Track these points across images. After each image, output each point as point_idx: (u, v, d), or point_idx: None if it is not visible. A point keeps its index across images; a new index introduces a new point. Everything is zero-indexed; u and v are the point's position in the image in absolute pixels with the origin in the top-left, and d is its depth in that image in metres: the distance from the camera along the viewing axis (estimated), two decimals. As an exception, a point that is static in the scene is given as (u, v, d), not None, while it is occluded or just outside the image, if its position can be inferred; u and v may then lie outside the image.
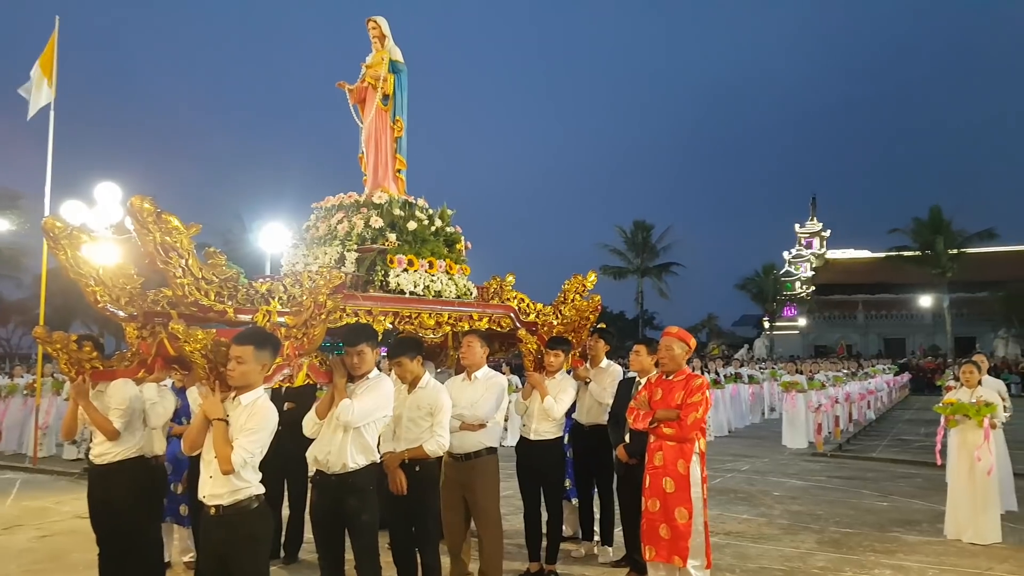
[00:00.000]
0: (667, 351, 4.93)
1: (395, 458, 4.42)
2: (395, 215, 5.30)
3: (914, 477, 10.42)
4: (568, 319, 6.04)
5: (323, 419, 4.09)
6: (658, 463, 4.75)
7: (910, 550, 6.50)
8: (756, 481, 10.05)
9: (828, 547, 6.60)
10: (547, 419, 5.51)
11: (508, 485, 6.36)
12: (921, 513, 8.00)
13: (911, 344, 48.24)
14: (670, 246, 47.90)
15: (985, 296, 43.70)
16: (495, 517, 5.00)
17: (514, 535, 6.23)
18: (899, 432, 16.84)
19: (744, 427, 17.50)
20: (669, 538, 4.65)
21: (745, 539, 6.87)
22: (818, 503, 8.57)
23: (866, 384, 19.59)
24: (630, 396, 5.37)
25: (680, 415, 4.69)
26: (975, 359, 7.65)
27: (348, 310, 4.53)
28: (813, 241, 59.31)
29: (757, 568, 5.95)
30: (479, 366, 5.03)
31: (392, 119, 5.76)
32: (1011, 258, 47.13)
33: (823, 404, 14.20)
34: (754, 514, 7.95)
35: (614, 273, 47.02)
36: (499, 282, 6.03)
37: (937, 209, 41.62)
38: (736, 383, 17.98)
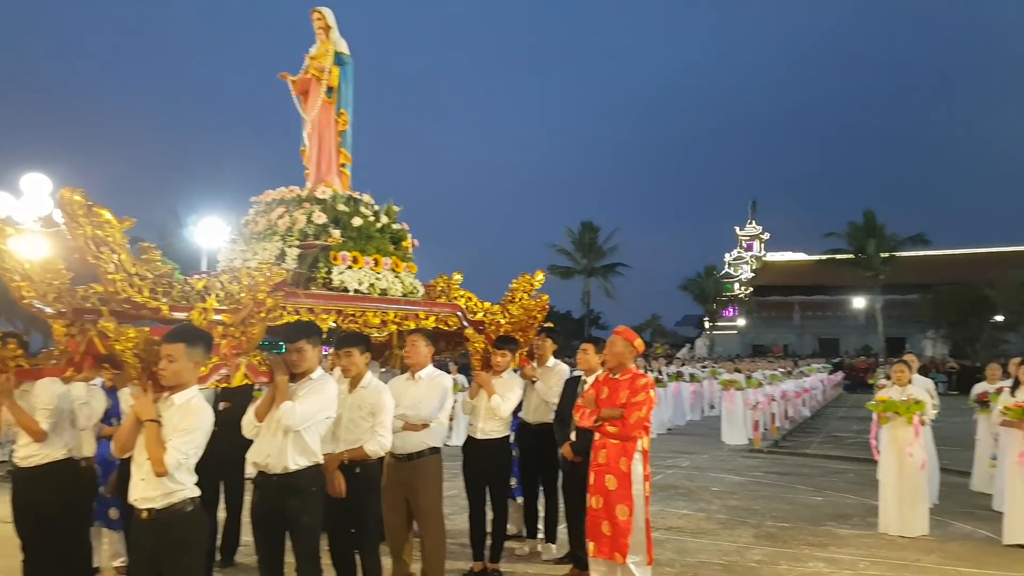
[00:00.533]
0: (610, 347, 5.01)
1: (334, 459, 4.34)
2: (339, 211, 5.21)
3: (847, 472, 10.76)
4: (516, 318, 6.04)
5: (262, 420, 3.99)
6: (602, 461, 4.80)
7: (842, 543, 6.71)
8: (696, 477, 10.24)
9: (765, 541, 6.76)
10: (494, 418, 5.50)
11: (452, 485, 6.34)
12: (853, 507, 8.26)
13: (845, 344, 49.86)
14: (616, 247, 48.50)
15: (915, 298, 45.38)
16: (438, 517, 4.97)
17: (457, 534, 6.21)
18: (833, 429, 17.39)
19: (685, 424, 17.83)
20: (610, 534, 4.70)
21: (685, 534, 6.99)
22: (755, 498, 8.77)
23: (801, 382, 20.17)
24: (576, 395, 5.41)
25: (624, 414, 4.74)
26: (906, 359, 7.92)
27: (289, 308, 4.44)
28: (752, 244, 60.83)
29: (696, 563, 6.05)
30: (423, 365, 4.98)
31: (337, 112, 5.66)
32: (941, 262, 49.06)
33: (760, 402, 14.57)
34: (694, 509, 8.10)
35: (561, 273, 47.33)
36: (446, 280, 5.99)
37: (871, 214, 43.25)
38: (678, 381, 18.30)
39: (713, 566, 5.96)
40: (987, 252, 49.83)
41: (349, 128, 5.72)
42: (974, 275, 41.47)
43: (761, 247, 61.09)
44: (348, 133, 5.73)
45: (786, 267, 58.59)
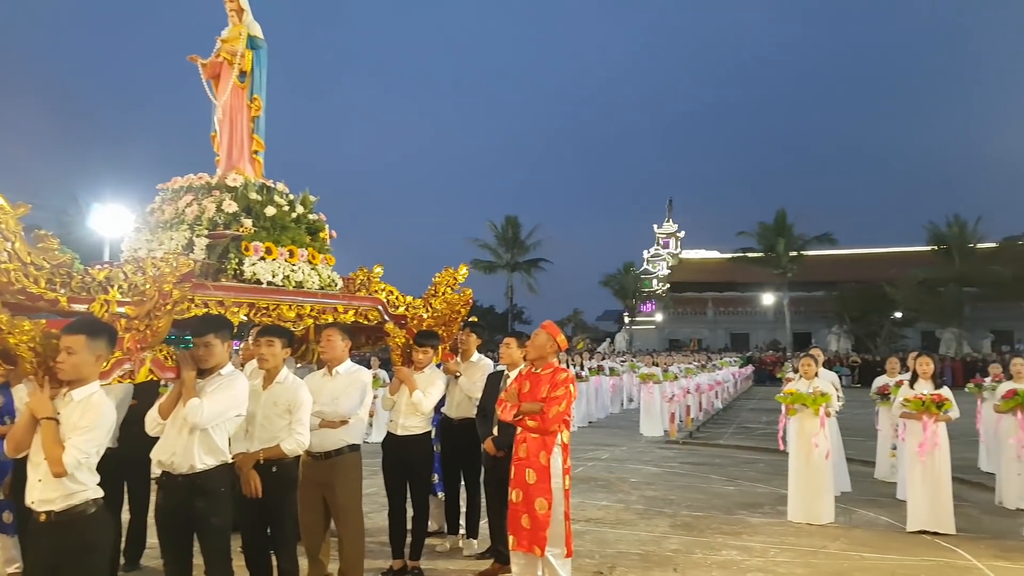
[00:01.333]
0: (532, 340, 5.02)
1: (249, 459, 4.18)
2: (251, 199, 5.00)
3: (757, 462, 11.14)
4: (439, 312, 5.96)
5: (167, 418, 3.80)
6: (522, 455, 4.80)
7: (754, 531, 6.93)
8: (615, 469, 10.40)
9: (680, 530, 6.91)
10: (415, 414, 5.42)
11: (371, 482, 6.23)
12: (764, 496, 8.55)
13: (755, 338, 51.76)
14: (539, 242, 48.93)
15: (821, 295, 47.59)
16: (356, 516, 4.86)
17: (377, 532, 6.10)
18: (744, 420, 18.01)
19: (605, 417, 18.12)
20: (530, 528, 4.70)
21: (604, 525, 7.08)
22: (671, 488, 8.97)
23: (714, 376, 20.80)
24: (499, 389, 5.38)
25: (543, 408, 4.74)
26: (812, 353, 8.25)
27: (197, 300, 4.22)
28: (669, 241, 62.42)
29: (615, 553, 6.13)
30: (340, 360, 4.85)
31: (249, 97, 5.43)
32: (845, 261, 51.51)
33: (676, 395, 14.95)
34: (613, 500, 8.22)
35: (485, 268, 47.41)
36: (366, 273, 5.84)
37: (780, 214, 45.10)
38: (598, 375, 18.57)
39: (631, 556, 6.05)
40: (887, 252, 52.61)
41: (263, 114, 5.50)
42: (875, 274, 43.85)
43: (678, 245, 62.75)
44: (261, 119, 5.51)
45: (701, 264, 60.35)
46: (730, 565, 5.85)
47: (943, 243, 41.94)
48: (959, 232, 41.44)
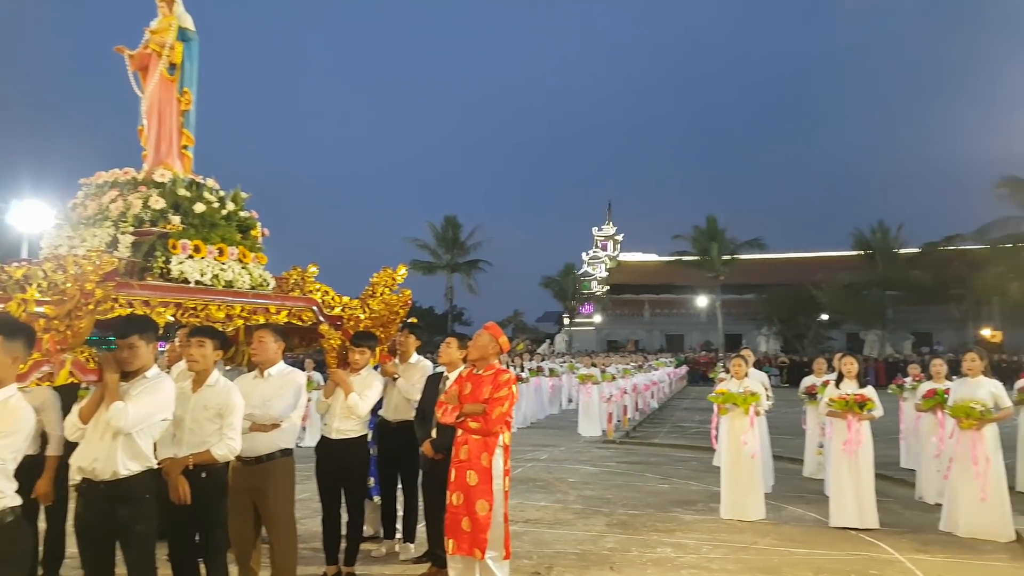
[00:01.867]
0: (474, 341, 4.99)
1: (178, 464, 4.03)
2: (180, 195, 4.83)
3: (691, 461, 11.37)
4: (376, 313, 5.86)
5: (87, 422, 3.64)
6: (463, 457, 4.76)
7: (688, 528, 7.05)
8: (554, 469, 10.45)
9: (617, 529, 6.99)
10: (350, 417, 5.33)
11: (305, 487, 6.10)
12: (697, 494, 8.72)
13: (689, 340, 52.89)
14: (479, 243, 48.78)
15: (751, 298, 48.99)
16: (289, 522, 4.74)
17: (310, 538, 5.96)
18: (678, 419, 18.37)
19: (544, 418, 18.21)
20: (470, 531, 4.67)
21: (542, 525, 7.10)
22: (608, 488, 9.07)
23: (650, 376, 21.16)
24: (438, 391, 5.34)
25: (486, 409, 4.72)
26: (743, 353, 8.45)
27: (121, 300, 4.05)
28: (608, 244, 63.20)
29: (553, 553, 6.16)
30: (273, 362, 4.73)
31: (179, 91, 5.26)
32: (774, 265, 53.00)
33: (614, 395, 15.14)
34: (551, 501, 8.25)
35: (424, 268, 47.03)
36: (300, 273, 5.71)
37: (713, 219, 46.23)
38: (538, 376, 18.66)
39: (568, 556, 6.08)
40: (815, 256, 54.35)
41: (193, 108, 5.32)
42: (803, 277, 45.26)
43: (616, 247, 63.57)
44: (191, 113, 5.33)
45: (638, 267, 61.28)
46: (665, 562, 5.93)
47: (867, 248, 43.64)
48: (883, 238, 43.19)
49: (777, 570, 5.76)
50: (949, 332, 45.81)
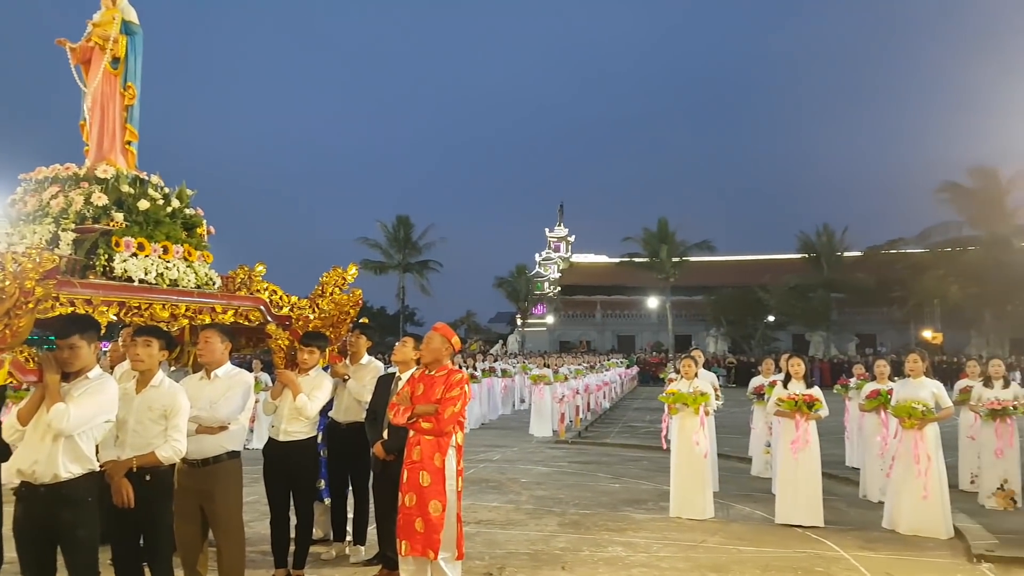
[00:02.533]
0: (427, 343, 4.94)
1: (121, 466, 3.92)
2: (123, 192, 4.70)
3: (641, 460, 11.49)
4: (326, 313, 5.79)
5: (26, 424, 3.51)
6: (416, 458, 4.73)
7: (638, 527, 7.12)
8: (506, 469, 10.46)
9: (569, 528, 7.02)
10: (299, 419, 5.24)
11: (252, 490, 5.99)
12: (647, 493, 8.82)
13: (640, 340, 53.51)
14: (432, 243, 48.50)
15: (700, 299, 49.83)
16: (236, 525, 4.64)
17: (258, 541, 5.87)
18: (629, 419, 18.57)
19: (497, 418, 18.21)
20: (423, 531, 4.64)
21: (495, 526, 7.09)
22: (560, 487, 9.11)
23: (602, 376, 21.35)
24: (390, 392, 5.29)
25: (438, 409, 4.70)
26: (693, 354, 8.57)
27: (62, 299, 3.93)
28: (560, 245, 63.55)
29: (505, 553, 6.15)
30: (219, 363, 4.63)
31: (123, 85, 5.11)
32: (722, 267, 54.01)
33: (566, 395, 15.22)
34: (503, 501, 8.25)
35: (375, 268, 46.56)
36: (247, 272, 5.60)
37: (663, 221, 46.92)
38: (491, 377, 18.65)
39: (520, 556, 6.09)
40: (762, 259, 55.56)
41: (137, 103, 5.19)
42: (751, 279, 46.28)
43: (568, 248, 63.97)
44: (135, 108, 5.20)
45: (590, 268, 61.79)
46: (616, 561, 5.98)
47: (813, 251, 44.82)
48: (828, 241, 44.40)
49: (726, 568, 5.85)
50: (892, 334, 47.31)
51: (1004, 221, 36.55)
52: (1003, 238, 36.19)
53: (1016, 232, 36.67)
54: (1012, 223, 36.69)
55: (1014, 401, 8.09)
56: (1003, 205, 36.82)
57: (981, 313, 38.62)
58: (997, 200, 36.72)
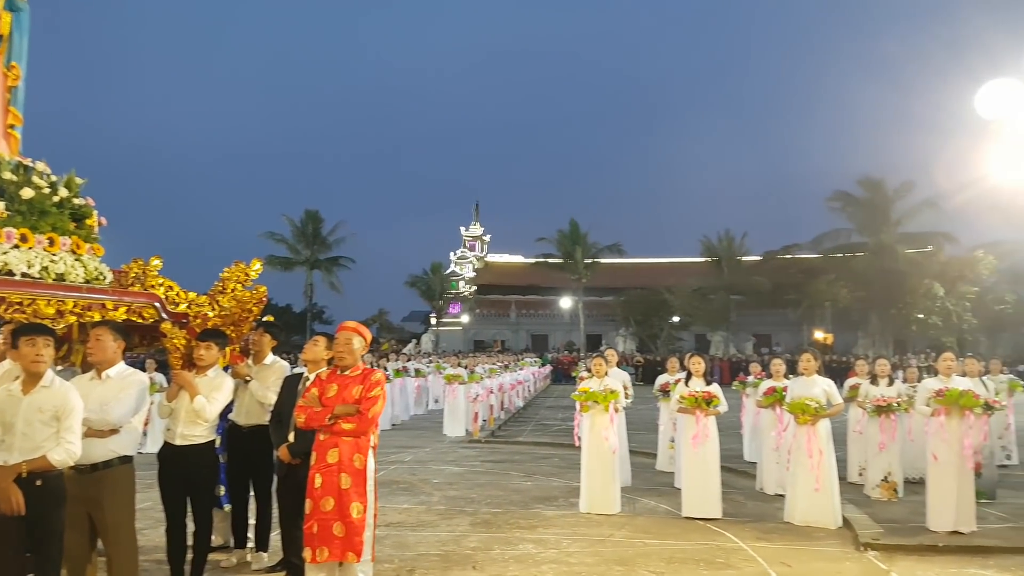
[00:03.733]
0: (346, 345, 4.76)
1: (8, 472, 3.66)
2: (5, 179, 4.39)
3: (553, 458, 11.63)
4: (227, 311, 5.55)
5: None
6: (332, 460, 4.58)
7: (549, 524, 7.19)
8: (418, 470, 10.36)
9: (480, 528, 7.01)
10: (196, 421, 5.01)
11: (146, 496, 5.72)
12: (558, 490, 8.92)
13: (553, 340, 54.23)
14: (342, 240, 47.40)
15: (611, 300, 50.95)
16: (128, 534, 4.41)
17: (153, 550, 5.60)
18: (542, 418, 18.76)
19: (409, 419, 18.05)
20: (344, 535, 4.52)
21: (405, 528, 7.01)
22: (472, 487, 9.10)
23: (516, 375, 21.49)
24: (296, 393, 5.13)
25: (360, 409, 4.59)
26: (606, 353, 8.73)
27: (-69, 293, 3.62)
28: (476, 244, 63.62)
29: (415, 555, 6.09)
30: (111, 363, 4.40)
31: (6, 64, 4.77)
32: (632, 269, 55.35)
33: (480, 394, 15.23)
34: (414, 503, 8.17)
35: (281, 264, 45.20)
36: (142, 266, 5.32)
37: (575, 223, 47.72)
38: (403, 377, 18.46)
39: (431, 557, 6.03)
40: (668, 262, 57.24)
41: (22, 84, 4.86)
42: (657, 281, 47.69)
43: (484, 248, 64.10)
44: (20, 90, 4.87)
45: (505, 268, 62.14)
46: (526, 559, 6.01)
47: (715, 255, 46.47)
48: (728, 245, 46.14)
49: (632, 561, 5.97)
50: (786, 334, 49.65)
51: (889, 229, 39.03)
52: (888, 245, 38.60)
53: (900, 240, 39.20)
54: (897, 231, 39.24)
55: (898, 398, 8.62)
56: (889, 214, 39.29)
57: (868, 315, 41.13)
58: (883, 209, 39.15)
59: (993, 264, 37.97)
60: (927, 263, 38.64)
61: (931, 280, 37.20)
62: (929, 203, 38.28)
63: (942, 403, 6.83)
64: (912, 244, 39.78)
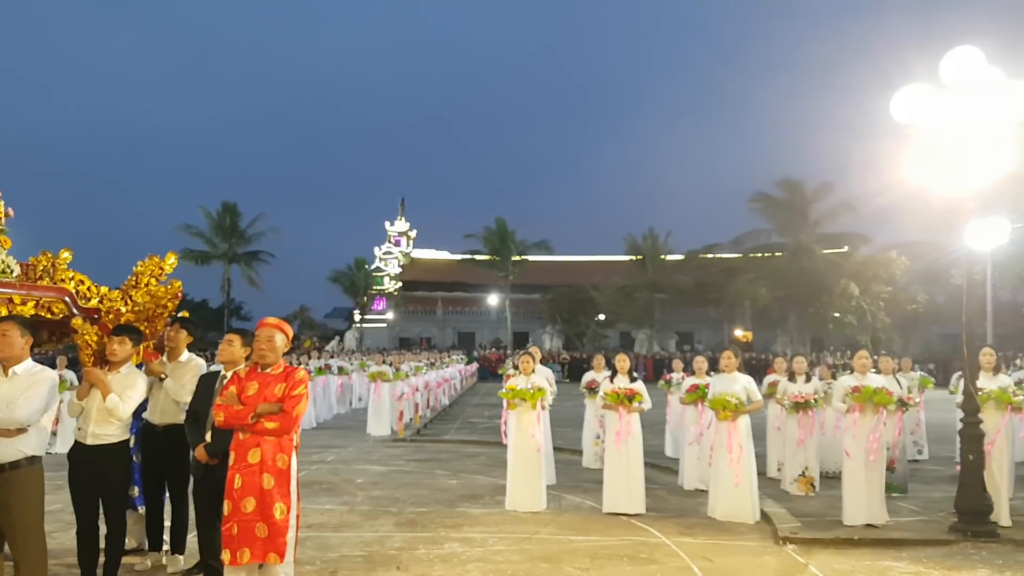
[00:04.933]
0: (269, 343, 4.61)
1: None
2: None
3: (479, 456, 11.62)
4: (140, 306, 5.32)
5: None
6: (254, 460, 4.43)
7: (475, 522, 7.18)
8: (341, 471, 10.18)
9: (405, 528, 6.95)
10: (109, 420, 4.81)
11: (56, 498, 5.48)
12: (484, 488, 8.92)
13: (480, 337, 54.25)
14: (262, 233, 45.95)
15: (537, 298, 51.35)
16: (37, 537, 4.21)
17: (63, 554, 5.39)
18: (468, 415, 18.75)
19: (332, 418, 17.73)
20: (267, 536, 4.39)
21: (327, 529, 6.87)
22: (397, 486, 9.00)
23: (442, 373, 21.39)
24: (213, 392, 4.96)
25: (285, 408, 4.46)
26: (531, 351, 8.77)
27: None
28: (401, 240, 62.93)
29: (338, 557, 5.98)
30: (19, 360, 4.19)
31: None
32: (558, 267, 55.90)
33: (406, 393, 15.10)
34: (337, 503, 8.03)
35: (197, 258, 43.60)
36: (51, 259, 5.04)
37: (502, 220, 47.83)
38: (325, 375, 18.11)
39: (354, 559, 5.94)
40: (594, 260, 58.08)
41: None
42: (583, 279, 48.33)
43: (409, 243, 63.50)
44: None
45: (431, 264, 61.79)
46: (451, 558, 5.99)
47: (639, 254, 47.41)
48: (652, 245, 47.14)
49: (557, 558, 6.02)
50: (708, 332, 51.14)
51: (807, 230, 40.54)
52: (806, 246, 40.12)
53: (818, 240, 40.76)
54: (814, 232, 40.77)
55: (815, 395, 8.96)
56: (807, 215, 40.77)
57: (786, 314, 42.66)
58: (801, 210, 40.63)
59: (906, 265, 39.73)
60: (843, 263, 40.16)
61: (847, 280, 38.71)
62: (846, 205, 39.73)
63: (857, 400, 7.08)
64: (829, 245, 41.29)
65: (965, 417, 6.93)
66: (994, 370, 7.67)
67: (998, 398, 7.29)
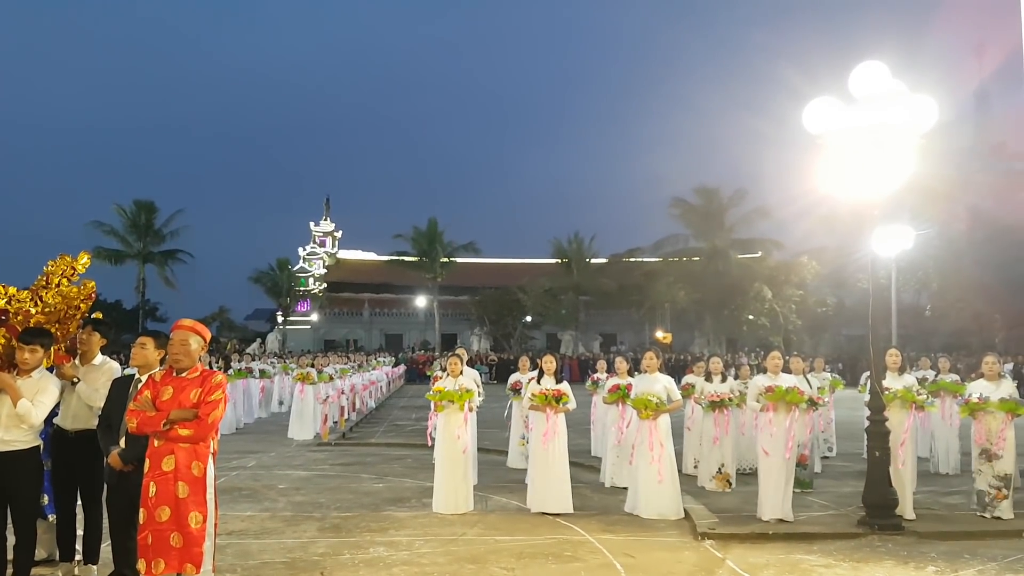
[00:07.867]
0: (183, 346, 4.47)
1: None
2: None
3: (406, 458, 11.54)
4: (51, 307, 5.11)
5: None
6: (168, 468, 4.30)
7: (400, 525, 7.14)
8: (261, 476, 9.95)
9: (329, 533, 6.86)
10: (18, 426, 4.62)
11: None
12: (411, 490, 8.88)
13: (408, 339, 53.82)
14: (179, 231, 44.31)
15: (465, 299, 51.35)
16: None
17: (-37, 570, 5.05)
18: (395, 418, 18.60)
19: (253, 422, 17.29)
20: (182, 546, 4.27)
21: (248, 536, 6.72)
22: (321, 491, 8.86)
23: (369, 375, 21.12)
24: (128, 396, 4.79)
25: (200, 413, 4.33)
26: (458, 352, 8.79)
27: None
28: (326, 240, 61.81)
29: (259, 564, 5.86)
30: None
31: None
32: (486, 269, 55.94)
33: (331, 396, 14.85)
34: (258, 510, 7.85)
35: (110, 257, 41.73)
36: (-48, 258, 4.78)
37: (433, 221, 47.69)
38: (247, 378, 17.64)
39: (276, 566, 5.83)
40: (521, 263, 58.41)
41: None
42: (511, 281, 48.61)
43: (335, 244, 62.43)
44: None
45: (358, 265, 60.90)
46: (377, 562, 5.95)
47: (565, 257, 48.07)
48: (578, 248, 47.86)
49: (483, 558, 6.06)
50: (630, 333, 52.15)
51: (723, 235, 42.01)
52: (722, 250, 41.57)
53: (732, 245, 42.32)
54: (729, 237, 42.32)
55: (731, 394, 9.28)
56: (722, 221, 42.28)
57: (703, 316, 44.03)
58: (717, 216, 42.09)
59: (816, 269, 41.74)
60: (757, 268, 41.88)
61: (760, 283, 40.31)
62: (760, 211, 41.58)
63: (771, 399, 7.35)
64: (743, 249, 43.02)
65: (871, 415, 7.27)
66: (900, 370, 8.11)
67: (904, 397, 7.72)
